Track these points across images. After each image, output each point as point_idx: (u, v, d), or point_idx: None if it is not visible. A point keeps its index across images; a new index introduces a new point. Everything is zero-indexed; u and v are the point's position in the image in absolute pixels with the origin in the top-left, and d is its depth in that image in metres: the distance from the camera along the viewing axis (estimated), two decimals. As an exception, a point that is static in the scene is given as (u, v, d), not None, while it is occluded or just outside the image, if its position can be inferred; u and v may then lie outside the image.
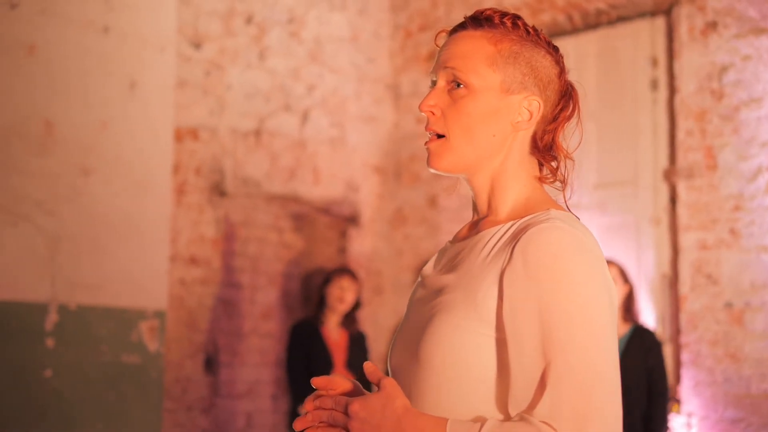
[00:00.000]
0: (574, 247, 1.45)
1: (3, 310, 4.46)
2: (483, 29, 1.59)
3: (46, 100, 4.68)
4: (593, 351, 1.40)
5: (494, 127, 1.57)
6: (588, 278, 1.44)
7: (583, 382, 1.38)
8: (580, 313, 1.41)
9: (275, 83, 5.93)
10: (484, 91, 1.57)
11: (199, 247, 5.54)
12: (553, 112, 1.62)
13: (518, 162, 1.60)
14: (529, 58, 1.58)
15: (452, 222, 6.23)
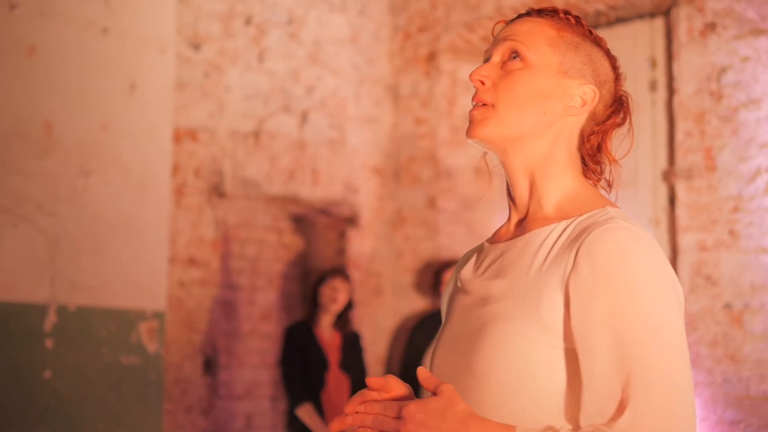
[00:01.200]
0: (642, 248, 1.39)
1: (2, 311, 4.47)
2: (546, 17, 1.58)
3: (45, 101, 4.69)
4: (672, 362, 1.35)
5: (546, 104, 1.52)
6: (659, 281, 1.39)
7: (665, 396, 1.33)
8: (656, 320, 1.36)
9: (275, 84, 5.94)
10: (542, 68, 1.53)
11: (198, 248, 5.54)
12: (605, 113, 1.58)
13: (567, 152, 1.56)
14: (590, 52, 1.57)
15: (452, 223, 6.23)
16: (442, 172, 6.25)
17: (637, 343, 1.35)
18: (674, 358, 1.35)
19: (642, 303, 1.36)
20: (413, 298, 6.27)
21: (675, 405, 1.33)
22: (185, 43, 5.52)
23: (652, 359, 1.34)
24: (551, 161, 1.55)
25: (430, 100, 6.33)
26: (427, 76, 6.37)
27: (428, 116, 6.33)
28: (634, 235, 1.40)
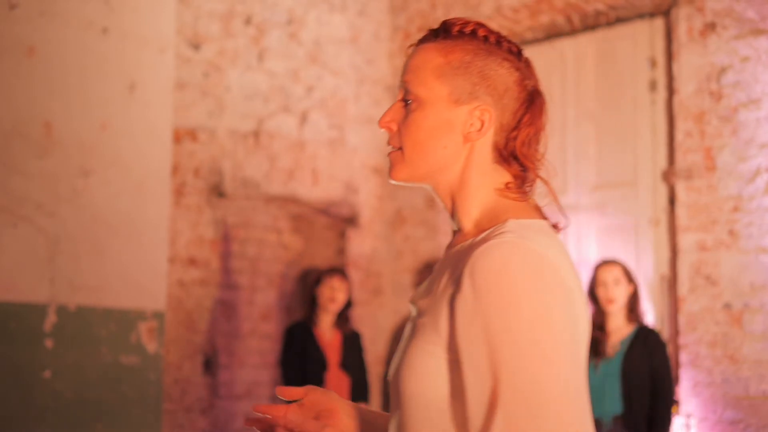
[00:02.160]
0: (521, 262, 1.39)
1: (2, 311, 4.47)
2: (437, 41, 1.59)
3: (45, 101, 4.69)
4: (543, 372, 1.35)
5: (445, 138, 1.55)
6: (536, 294, 1.38)
7: (534, 405, 1.33)
8: (527, 333, 1.36)
9: (274, 84, 5.94)
10: (433, 103, 1.56)
11: (197, 248, 5.54)
12: (514, 119, 1.57)
13: (480, 172, 1.57)
14: (482, 67, 1.56)
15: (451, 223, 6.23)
16: (441, 171, 6.25)
17: (505, 354, 1.36)
18: (546, 370, 1.34)
19: (513, 316, 1.36)
20: (413, 297, 6.27)
21: (544, 416, 1.33)
22: (185, 43, 5.52)
23: (520, 370, 1.34)
24: (465, 184, 1.57)
25: (429, 100, 6.34)
26: (426, 75, 6.37)
27: (428, 116, 6.33)
28: (515, 250, 1.40)
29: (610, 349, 4.92)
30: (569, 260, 1.49)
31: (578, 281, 1.49)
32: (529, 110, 1.57)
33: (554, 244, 1.47)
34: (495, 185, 1.56)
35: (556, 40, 6.16)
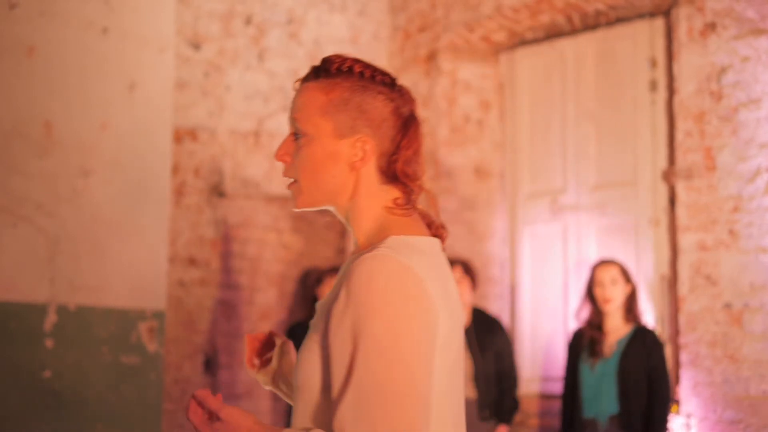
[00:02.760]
0: (386, 273, 1.57)
1: (2, 311, 4.47)
2: (319, 80, 1.77)
3: (45, 101, 4.69)
4: (389, 373, 1.52)
5: (333, 169, 1.74)
6: (396, 302, 1.55)
7: (374, 404, 1.51)
8: (383, 337, 1.53)
9: (274, 84, 5.94)
10: (320, 138, 1.74)
11: (198, 248, 5.54)
12: (393, 145, 1.76)
13: (368, 194, 1.76)
14: (360, 103, 1.74)
15: (451, 223, 6.23)
16: (441, 171, 6.25)
17: (365, 355, 1.53)
18: (394, 370, 1.52)
19: (376, 322, 1.54)
20: (413, 297, 6.27)
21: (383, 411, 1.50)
22: (185, 43, 5.52)
23: (372, 369, 1.52)
24: (357, 205, 1.76)
25: (429, 100, 6.33)
26: (426, 75, 6.37)
27: (428, 116, 6.32)
28: (383, 262, 1.58)
29: (607, 349, 4.93)
30: (440, 272, 1.68)
31: (447, 292, 1.67)
32: (406, 135, 1.77)
33: (425, 258, 1.65)
34: (383, 204, 1.76)
35: (556, 40, 6.16)
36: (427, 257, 1.67)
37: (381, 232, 1.72)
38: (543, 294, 6.04)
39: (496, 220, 6.32)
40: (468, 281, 5.67)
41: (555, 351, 5.85)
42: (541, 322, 6.03)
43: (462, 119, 6.32)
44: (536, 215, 6.13)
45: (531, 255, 6.15)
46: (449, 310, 1.66)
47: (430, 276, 1.62)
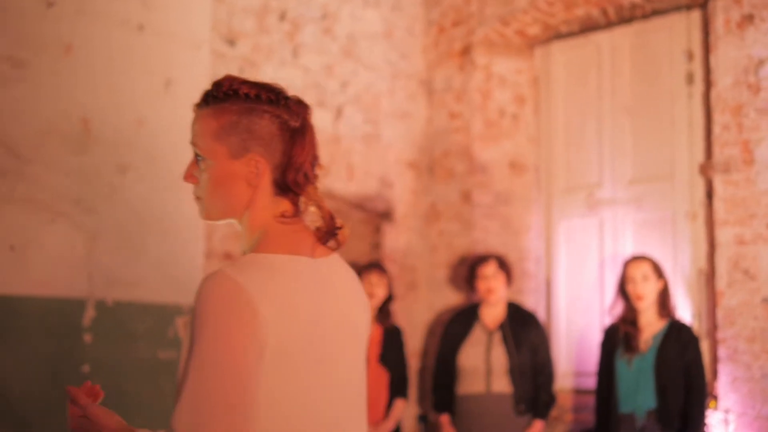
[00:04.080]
0: (216, 290, 1.74)
1: (41, 306, 4.51)
2: (209, 106, 1.93)
3: (82, 98, 4.72)
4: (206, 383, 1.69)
5: (232, 187, 1.92)
6: (219, 318, 1.72)
7: (195, 402, 1.69)
8: (206, 349, 1.71)
9: (309, 80, 5.95)
10: (217, 161, 1.91)
11: (233, 242, 5.56)
12: (285, 158, 1.92)
13: (261, 207, 1.94)
14: (248, 124, 1.90)
15: (486, 218, 6.22)
16: (476, 166, 6.23)
17: (193, 365, 1.71)
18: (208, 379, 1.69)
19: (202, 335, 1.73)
20: (448, 292, 6.27)
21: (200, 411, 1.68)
22: (220, 39, 5.54)
23: (195, 378, 1.70)
24: (248, 218, 1.95)
25: (464, 95, 6.32)
26: (461, 70, 6.36)
27: (462, 110, 6.31)
28: (217, 281, 1.76)
29: (642, 345, 4.90)
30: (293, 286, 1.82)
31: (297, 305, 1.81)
32: (294, 147, 1.92)
33: (273, 275, 1.82)
34: (273, 215, 1.93)
35: (591, 34, 6.12)
36: (277, 273, 1.83)
37: (256, 245, 1.91)
38: (579, 289, 6.02)
39: (531, 214, 6.30)
40: (503, 276, 5.65)
41: (590, 346, 5.83)
42: (577, 317, 6.00)
43: (497, 113, 6.30)
44: (572, 210, 6.11)
45: (566, 249, 6.12)
46: (294, 322, 1.80)
47: (268, 292, 1.77)
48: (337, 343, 1.90)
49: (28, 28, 4.59)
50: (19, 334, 4.53)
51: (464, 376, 5.56)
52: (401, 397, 5.64)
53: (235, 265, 1.82)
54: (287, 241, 1.91)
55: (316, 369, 1.84)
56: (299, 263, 1.89)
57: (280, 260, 1.87)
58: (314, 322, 1.85)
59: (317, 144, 1.98)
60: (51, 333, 4.47)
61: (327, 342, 1.87)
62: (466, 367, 5.54)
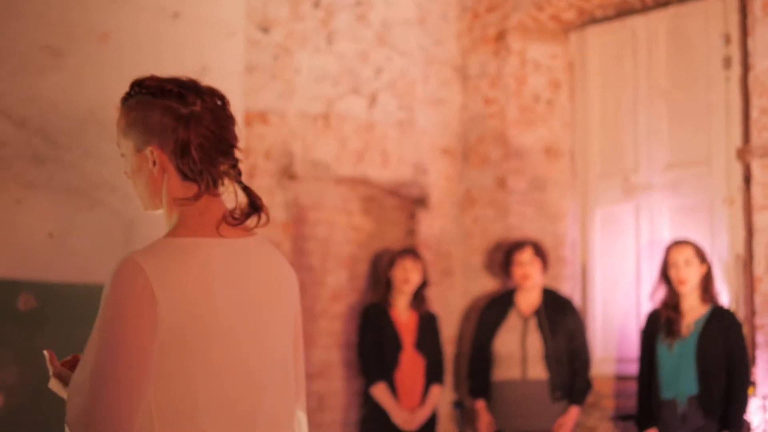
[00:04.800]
0: (120, 273, 1.89)
1: (80, 293, 4.56)
2: (123, 105, 2.10)
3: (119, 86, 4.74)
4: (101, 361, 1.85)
5: (144, 178, 2.07)
6: (118, 299, 1.88)
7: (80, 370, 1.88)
8: (104, 328, 1.89)
9: (343, 67, 5.95)
10: (129, 155, 2.07)
11: (269, 230, 5.58)
12: (180, 145, 2.01)
13: (170, 192, 2.05)
14: (143, 118, 2.03)
15: (521, 204, 6.20)
16: (511, 152, 6.22)
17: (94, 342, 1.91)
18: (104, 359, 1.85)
19: (102, 314, 1.91)
20: (483, 278, 6.26)
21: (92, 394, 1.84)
22: (254, 27, 5.56)
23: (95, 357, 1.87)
24: (165, 206, 2.08)
25: (498, 80, 6.30)
26: (495, 55, 6.34)
27: (497, 96, 6.29)
28: (123, 264, 1.90)
29: (684, 330, 4.88)
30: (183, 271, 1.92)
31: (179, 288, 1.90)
32: (184, 133, 2.00)
33: (178, 258, 1.93)
34: (183, 197, 2.03)
35: (627, 18, 6.07)
36: (179, 256, 1.94)
37: (171, 230, 2.04)
38: (615, 274, 5.99)
39: (566, 200, 6.28)
40: (539, 262, 5.64)
41: (627, 332, 5.80)
42: (613, 303, 5.98)
43: (531, 99, 6.28)
44: (608, 195, 6.07)
45: (602, 235, 6.09)
46: (191, 302, 1.90)
47: (167, 274, 1.89)
48: (247, 320, 1.98)
49: (64, 17, 4.63)
50: (57, 320, 4.58)
51: (500, 363, 5.56)
52: (437, 383, 5.65)
53: (144, 249, 1.95)
54: (193, 224, 2.02)
55: (217, 346, 1.93)
56: (203, 245, 1.99)
57: (184, 243, 1.98)
58: (216, 301, 1.94)
59: (231, 129, 2.09)
60: (89, 319, 4.51)
61: (233, 320, 1.95)
62: (502, 353, 5.54)
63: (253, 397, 1.97)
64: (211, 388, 1.92)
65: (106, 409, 1.82)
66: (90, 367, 1.86)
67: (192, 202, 2.03)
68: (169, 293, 1.89)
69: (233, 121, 2.12)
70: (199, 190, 2.03)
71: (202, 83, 2.12)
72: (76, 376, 1.90)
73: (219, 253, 1.99)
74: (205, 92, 2.09)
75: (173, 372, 1.90)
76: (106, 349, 1.86)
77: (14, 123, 4.61)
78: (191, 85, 2.09)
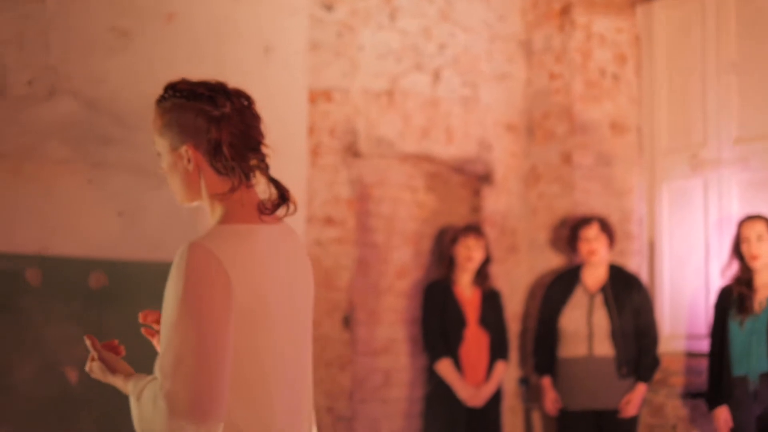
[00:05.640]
0: (190, 256, 2.04)
1: (149, 271, 4.63)
2: (157, 107, 2.26)
3: (185, 66, 4.80)
4: (173, 334, 1.99)
5: (179, 174, 2.23)
6: (189, 280, 2.03)
7: (168, 353, 1.98)
8: (176, 306, 2.01)
9: (406, 43, 5.94)
10: (165, 153, 2.24)
11: (334, 207, 5.62)
12: (213, 145, 2.18)
13: (209, 187, 2.21)
14: (178, 119, 2.20)
15: (587, 180, 6.15)
16: (577, 127, 6.16)
17: (166, 319, 2.04)
18: (176, 332, 1.99)
19: (173, 294, 2.04)
20: (548, 254, 6.23)
21: (170, 366, 1.96)
22: (318, 5, 5.57)
23: (167, 331, 2.01)
24: (206, 200, 2.23)
25: (563, 55, 6.24)
26: (560, 30, 6.27)
27: (562, 71, 6.23)
28: (190, 248, 2.05)
29: (756, 306, 4.82)
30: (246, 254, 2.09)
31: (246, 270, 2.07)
32: (220, 133, 2.17)
33: (236, 242, 2.10)
34: (222, 191, 2.19)
35: (695, -11, 5.97)
36: (239, 240, 2.11)
37: (219, 220, 2.18)
38: (683, 250, 5.92)
39: (633, 175, 6.21)
40: (605, 238, 5.60)
41: (696, 308, 5.74)
42: (681, 279, 5.91)
43: (597, 74, 6.21)
44: (675, 170, 6.00)
45: (670, 211, 6.02)
46: (255, 283, 2.08)
47: (236, 257, 2.06)
48: (287, 302, 2.17)
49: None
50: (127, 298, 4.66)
51: (566, 339, 5.53)
52: (502, 359, 5.65)
53: (206, 236, 2.11)
54: (239, 213, 2.18)
55: (276, 325, 2.12)
56: (254, 230, 2.16)
57: (238, 229, 2.15)
58: (270, 283, 2.12)
59: (258, 127, 2.26)
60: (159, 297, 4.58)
61: (280, 301, 2.14)
62: (568, 330, 5.52)
63: (302, 373, 2.22)
64: (275, 365, 2.11)
65: (204, 384, 1.95)
66: (175, 349, 1.98)
67: (230, 195, 2.19)
68: (239, 275, 2.05)
69: (259, 119, 2.28)
70: (233, 184, 2.19)
71: (230, 86, 2.27)
72: (161, 360, 2.00)
73: (265, 237, 2.18)
74: (233, 94, 2.23)
75: (244, 349, 2.05)
76: (193, 332, 1.98)
77: (84, 104, 4.68)
78: (220, 89, 2.23)
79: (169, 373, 1.97)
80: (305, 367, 2.25)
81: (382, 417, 5.82)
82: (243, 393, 2.07)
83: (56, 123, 4.64)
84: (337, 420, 5.56)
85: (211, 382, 1.96)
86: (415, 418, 5.86)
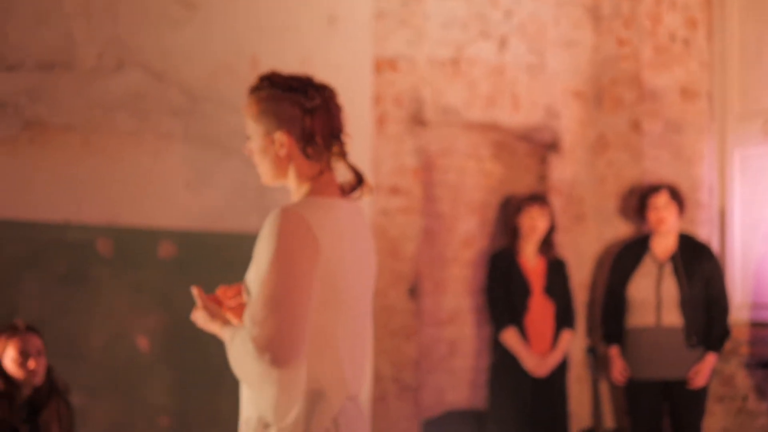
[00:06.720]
0: (281, 218, 2.24)
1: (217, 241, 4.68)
2: (252, 95, 2.45)
3: (251, 36, 4.82)
4: (270, 287, 2.20)
5: (270, 157, 2.44)
6: (283, 239, 2.22)
7: (258, 303, 2.19)
8: (273, 261, 2.21)
9: (472, 11, 5.89)
10: (258, 138, 2.45)
11: (400, 177, 5.61)
12: (305, 133, 2.41)
13: (299, 170, 2.43)
14: (275, 108, 2.41)
15: (656, 147, 6.06)
16: (646, 94, 6.07)
17: (263, 274, 2.22)
18: (273, 286, 2.20)
19: (268, 250, 2.23)
20: (617, 223, 6.17)
21: (260, 314, 2.18)
22: (383, -27, 5.54)
23: (264, 283, 2.21)
24: (294, 179, 2.45)
25: (632, 20, 6.13)
26: (629, -5, 6.17)
27: (631, 37, 6.13)
28: (282, 212, 2.25)
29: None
30: (340, 224, 2.35)
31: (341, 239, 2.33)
32: (310, 122, 2.41)
33: (324, 212, 2.33)
34: (309, 176, 2.43)
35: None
36: (326, 211, 2.34)
37: (306, 194, 2.40)
38: (755, 219, 5.81)
39: (703, 142, 6.10)
40: (675, 206, 5.52)
41: (763, 277, 5.64)
42: (753, 248, 5.81)
43: (667, 39, 6.10)
44: (747, 137, 5.88)
45: (741, 178, 5.91)
46: (340, 251, 2.31)
47: (323, 225, 2.28)
48: (358, 272, 2.40)
49: (197, -31, 4.71)
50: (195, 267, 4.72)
51: (634, 309, 5.48)
52: (568, 327, 5.62)
53: (295, 204, 2.32)
54: (325, 189, 2.43)
55: (346, 289, 2.33)
56: (337, 204, 2.41)
57: (325, 201, 2.38)
58: (349, 253, 2.35)
59: (340, 117, 2.47)
60: (228, 266, 4.63)
61: (354, 269, 2.37)
62: (636, 299, 5.46)
63: (364, 335, 2.44)
64: (345, 324, 2.34)
65: (287, 330, 2.17)
66: (264, 299, 2.19)
67: (318, 178, 2.43)
68: (326, 241, 2.28)
69: (341, 109, 2.48)
70: (321, 167, 2.43)
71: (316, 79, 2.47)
72: (251, 309, 2.21)
73: (346, 211, 2.42)
74: (320, 88, 2.46)
75: (322, 307, 2.28)
76: (282, 286, 2.19)
77: (152, 75, 4.73)
78: (309, 82, 2.45)
79: (257, 320, 2.18)
80: (367, 329, 2.47)
81: (447, 387, 5.83)
82: (320, 345, 2.29)
83: (124, 95, 4.69)
84: (402, 390, 5.58)
85: (292, 331, 2.18)
86: (480, 387, 5.86)
